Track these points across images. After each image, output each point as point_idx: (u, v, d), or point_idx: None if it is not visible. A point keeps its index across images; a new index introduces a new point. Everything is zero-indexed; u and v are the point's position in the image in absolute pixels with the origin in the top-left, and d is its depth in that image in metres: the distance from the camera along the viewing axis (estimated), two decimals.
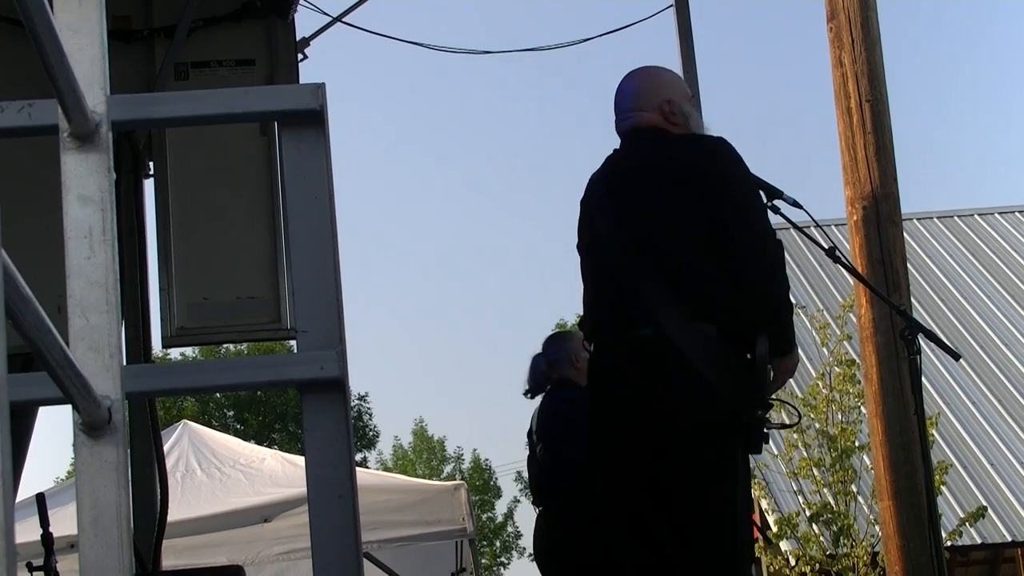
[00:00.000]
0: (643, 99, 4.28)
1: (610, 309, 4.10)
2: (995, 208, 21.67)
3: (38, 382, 1.93)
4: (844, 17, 6.66)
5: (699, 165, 4.03)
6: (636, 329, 3.97)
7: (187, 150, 6.01)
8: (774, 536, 13.13)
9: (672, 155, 4.11)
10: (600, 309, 4.17)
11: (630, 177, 4.19)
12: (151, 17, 6.14)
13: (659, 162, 4.13)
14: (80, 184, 1.72)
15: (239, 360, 3.19)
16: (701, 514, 3.94)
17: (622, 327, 4.02)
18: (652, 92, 4.29)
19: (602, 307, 4.15)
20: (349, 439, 2.16)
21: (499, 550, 41.56)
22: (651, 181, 4.12)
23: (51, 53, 1.53)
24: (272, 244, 5.92)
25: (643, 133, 4.23)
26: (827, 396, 12.97)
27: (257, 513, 8.59)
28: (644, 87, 4.32)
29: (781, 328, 3.99)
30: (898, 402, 6.21)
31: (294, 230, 2.22)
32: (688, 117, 4.26)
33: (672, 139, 4.18)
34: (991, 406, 16.58)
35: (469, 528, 8.88)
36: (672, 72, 4.50)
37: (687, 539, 3.93)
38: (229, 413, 37.35)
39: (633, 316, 3.98)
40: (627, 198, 4.15)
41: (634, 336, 3.97)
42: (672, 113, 4.23)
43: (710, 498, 3.94)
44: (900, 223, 6.55)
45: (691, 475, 3.93)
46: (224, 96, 2.23)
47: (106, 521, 1.64)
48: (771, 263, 3.99)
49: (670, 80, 4.38)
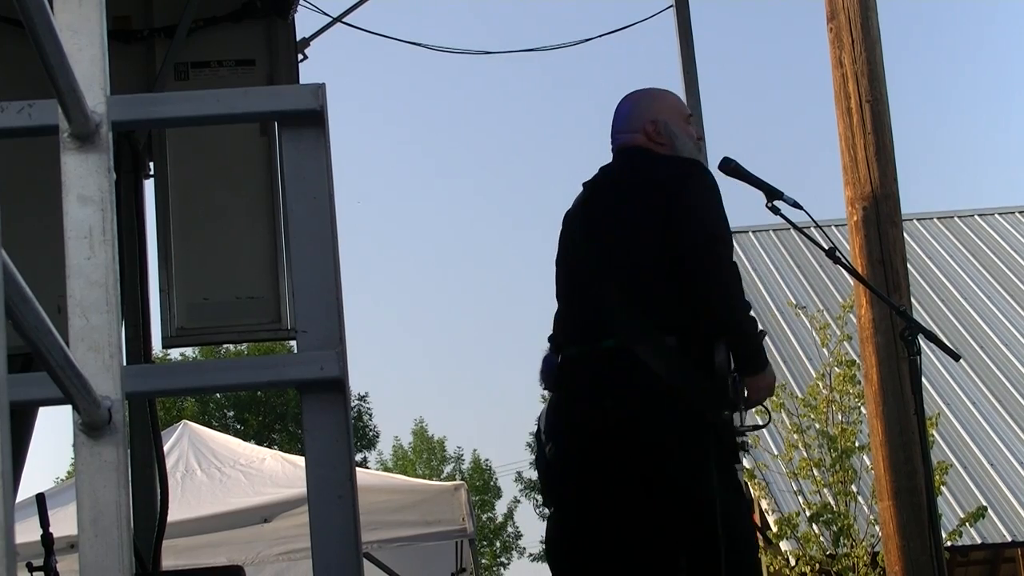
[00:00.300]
0: (631, 120, 4.37)
1: (575, 321, 4.19)
2: (995, 209, 21.66)
3: (38, 382, 1.93)
4: (844, 17, 6.66)
5: (668, 187, 4.08)
6: (599, 341, 4.03)
7: (187, 150, 6.01)
8: (774, 536, 13.13)
9: (646, 175, 4.19)
10: (566, 321, 4.24)
11: (605, 193, 4.29)
12: (151, 17, 6.14)
13: (634, 180, 4.21)
14: (80, 184, 1.72)
15: (239, 360, 3.19)
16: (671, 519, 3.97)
17: (586, 339, 4.09)
18: (639, 113, 4.37)
19: (568, 319, 4.24)
20: (349, 439, 2.16)
21: (499, 550, 41.55)
22: (623, 198, 4.21)
23: (51, 53, 1.53)
24: (272, 244, 5.92)
25: (628, 152, 4.33)
26: (827, 396, 12.96)
27: (257, 513, 8.59)
28: (633, 109, 4.41)
29: (745, 346, 4.02)
30: (898, 402, 6.20)
31: (294, 230, 2.22)
32: (675, 138, 4.30)
33: (654, 158, 4.26)
34: (991, 406, 16.58)
35: (469, 528, 8.88)
36: (668, 93, 4.52)
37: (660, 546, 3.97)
38: (229, 413, 37.35)
39: (596, 328, 4.05)
40: (600, 213, 4.24)
41: (597, 348, 4.03)
42: (657, 133, 4.30)
43: (681, 501, 3.96)
44: (900, 224, 6.54)
45: (659, 479, 3.96)
46: (224, 96, 2.23)
47: (106, 521, 1.64)
48: (728, 289, 4.02)
49: (661, 100, 4.42)
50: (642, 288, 4.02)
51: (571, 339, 4.18)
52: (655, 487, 3.96)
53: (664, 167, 4.19)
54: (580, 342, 4.12)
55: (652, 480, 3.96)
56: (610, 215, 4.19)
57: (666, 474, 3.96)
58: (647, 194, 4.12)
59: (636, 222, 4.10)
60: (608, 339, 4.00)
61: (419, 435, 42.83)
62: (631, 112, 4.38)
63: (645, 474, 3.97)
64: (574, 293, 4.23)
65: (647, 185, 4.14)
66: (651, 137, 4.29)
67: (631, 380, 3.94)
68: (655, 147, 4.27)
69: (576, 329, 4.17)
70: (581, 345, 4.12)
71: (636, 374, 3.93)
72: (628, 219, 4.13)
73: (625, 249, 4.09)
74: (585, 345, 4.10)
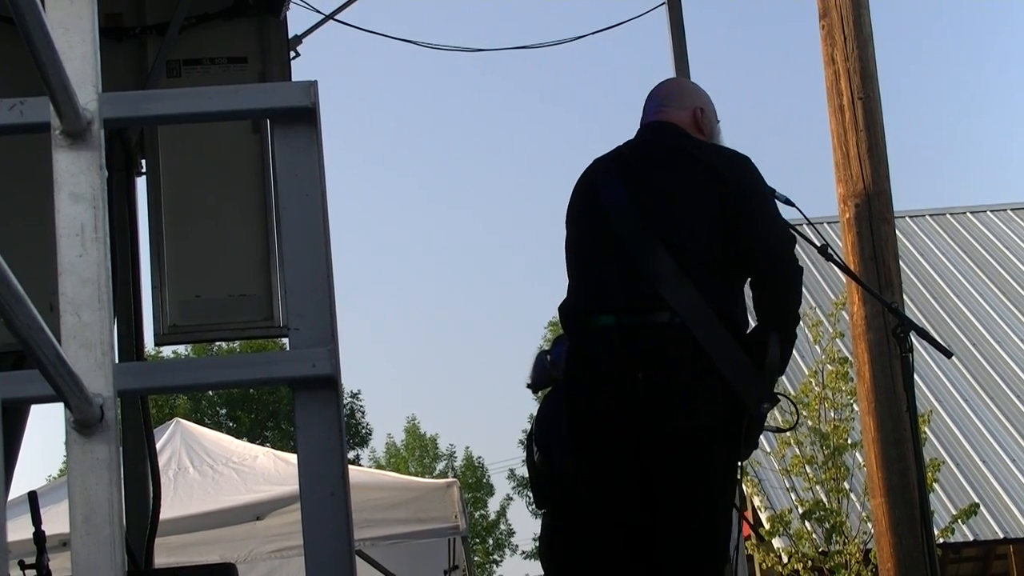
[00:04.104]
0: (679, 99, 4.33)
1: (611, 289, 3.96)
2: (987, 206, 21.70)
3: (30, 380, 1.93)
4: (836, 14, 6.66)
5: (729, 170, 4.03)
6: (648, 313, 3.87)
7: (179, 148, 6.01)
8: (767, 533, 13.14)
9: (698, 153, 4.10)
10: (596, 289, 4.01)
11: (651, 160, 4.16)
12: (143, 14, 6.13)
13: (684, 154, 4.11)
14: (72, 182, 1.72)
15: (231, 358, 3.19)
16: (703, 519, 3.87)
17: (630, 309, 3.91)
18: (690, 96, 4.34)
19: (600, 287, 4.00)
20: (341, 437, 2.16)
21: (492, 548, 41.56)
22: (673, 168, 4.09)
23: (42, 51, 1.53)
24: (264, 242, 5.92)
25: (667, 127, 4.24)
26: (819, 393, 12.98)
27: (249, 511, 8.59)
28: (682, 89, 4.41)
29: (787, 347, 3.99)
30: (890, 399, 6.21)
31: (286, 228, 2.22)
32: (714, 133, 4.29)
33: (700, 142, 4.19)
34: (983, 403, 16.60)
35: (462, 526, 8.88)
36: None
37: (683, 544, 3.88)
38: (222, 411, 37.33)
39: (645, 298, 3.89)
40: (644, 176, 4.10)
41: (645, 320, 3.88)
42: (704, 120, 4.27)
43: (714, 503, 3.89)
44: (892, 221, 6.55)
45: (690, 478, 3.86)
46: (216, 94, 2.22)
47: (98, 519, 1.64)
48: (799, 294, 4.02)
49: (706, 95, 4.40)
50: (694, 265, 3.90)
51: (602, 307, 3.96)
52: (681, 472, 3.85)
53: (715, 153, 4.13)
54: (624, 311, 3.91)
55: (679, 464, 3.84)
56: (658, 180, 4.07)
57: (698, 462, 3.85)
58: (698, 173, 4.03)
59: (688, 198, 4.00)
60: (660, 311, 3.86)
61: (412, 432, 42.81)
62: (682, 92, 4.37)
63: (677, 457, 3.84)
64: (609, 258, 3.99)
65: (697, 164, 4.05)
66: (697, 121, 4.26)
67: (686, 362, 3.82)
68: (694, 132, 4.23)
69: (616, 298, 3.94)
70: (620, 314, 3.91)
71: (690, 356, 3.82)
72: (681, 190, 4.02)
73: (676, 219, 3.97)
74: (627, 315, 3.90)
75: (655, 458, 3.87)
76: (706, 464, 3.86)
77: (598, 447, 3.92)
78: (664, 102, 4.31)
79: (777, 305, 3.98)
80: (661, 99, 4.33)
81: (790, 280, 3.99)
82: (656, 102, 4.33)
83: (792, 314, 4.02)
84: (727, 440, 3.88)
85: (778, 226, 4.07)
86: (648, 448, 3.86)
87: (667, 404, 3.83)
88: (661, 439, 3.85)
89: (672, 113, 4.26)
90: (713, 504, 3.88)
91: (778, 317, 3.98)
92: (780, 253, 3.99)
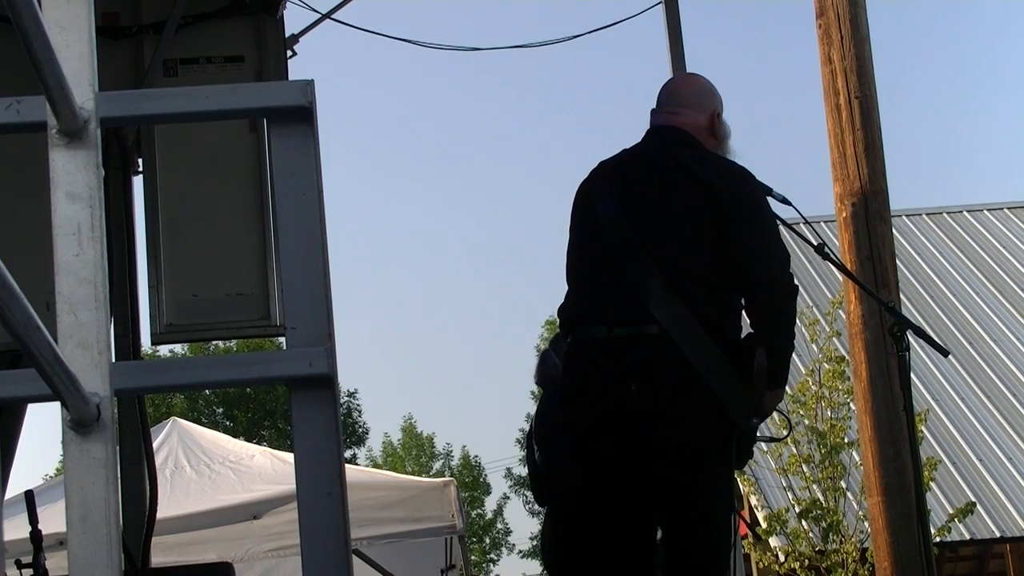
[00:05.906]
0: (700, 101, 4.26)
1: (604, 301, 3.97)
2: (984, 205, 21.71)
3: (27, 379, 1.93)
4: (833, 14, 6.66)
5: (725, 187, 3.99)
6: (637, 325, 3.88)
7: (176, 147, 6.01)
8: (763, 532, 13.14)
9: (699, 169, 4.04)
10: (591, 299, 4.03)
11: (650, 171, 4.12)
12: (140, 14, 6.13)
13: (684, 170, 4.06)
14: (68, 181, 1.72)
15: (228, 357, 3.18)
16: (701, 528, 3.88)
17: (620, 321, 3.91)
18: (709, 99, 4.28)
19: (594, 297, 4.02)
20: (338, 436, 2.16)
21: (488, 547, 41.55)
22: (672, 182, 4.06)
23: (39, 50, 1.53)
24: (261, 241, 5.92)
25: (678, 135, 4.18)
26: (816, 392, 12.98)
27: (246, 510, 8.58)
28: (702, 92, 4.30)
29: (781, 362, 3.98)
30: (887, 398, 6.21)
31: (283, 227, 2.22)
32: (726, 138, 4.25)
33: (702, 154, 4.13)
34: (980, 402, 16.61)
35: (459, 525, 8.87)
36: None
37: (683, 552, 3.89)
38: (218, 410, 37.31)
39: (634, 311, 3.89)
40: (641, 188, 4.08)
41: (634, 332, 3.88)
42: (719, 125, 4.23)
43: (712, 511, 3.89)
44: (889, 220, 6.55)
45: (687, 487, 3.86)
46: (213, 93, 2.22)
47: (95, 518, 1.64)
48: (782, 300, 3.99)
49: (719, 98, 4.34)
50: (684, 279, 3.90)
51: (595, 318, 3.97)
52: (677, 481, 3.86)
53: (715, 169, 4.08)
54: (615, 323, 3.91)
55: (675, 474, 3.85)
56: (652, 192, 4.04)
57: (693, 471, 3.85)
58: (696, 189, 4.00)
59: (682, 213, 3.98)
60: (650, 324, 3.85)
61: (408, 431, 42.79)
62: (701, 94, 4.29)
63: (673, 467, 3.85)
64: (601, 269, 4.01)
65: (696, 181, 4.01)
66: (712, 125, 4.21)
67: (673, 374, 3.82)
68: (707, 137, 4.19)
69: (608, 309, 3.94)
70: (610, 326, 3.92)
71: (678, 367, 3.81)
72: (675, 203, 4.00)
73: (666, 235, 3.96)
74: (618, 326, 3.91)
75: (651, 468, 3.88)
76: (701, 472, 3.87)
77: (594, 453, 3.94)
78: (683, 103, 4.25)
79: (766, 325, 3.96)
80: (680, 99, 4.27)
81: (782, 300, 3.97)
82: (674, 101, 4.27)
83: (783, 333, 3.98)
84: (721, 448, 3.87)
85: (771, 244, 4.02)
86: (644, 458, 3.88)
87: (660, 414, 3.83)
88: (656, 449, 3.86)
89: (689, 116, 4.21)
90: (711, 512, 3.89)
91: (769, 335, 3.95)
92: (772, 273, 3.97)
